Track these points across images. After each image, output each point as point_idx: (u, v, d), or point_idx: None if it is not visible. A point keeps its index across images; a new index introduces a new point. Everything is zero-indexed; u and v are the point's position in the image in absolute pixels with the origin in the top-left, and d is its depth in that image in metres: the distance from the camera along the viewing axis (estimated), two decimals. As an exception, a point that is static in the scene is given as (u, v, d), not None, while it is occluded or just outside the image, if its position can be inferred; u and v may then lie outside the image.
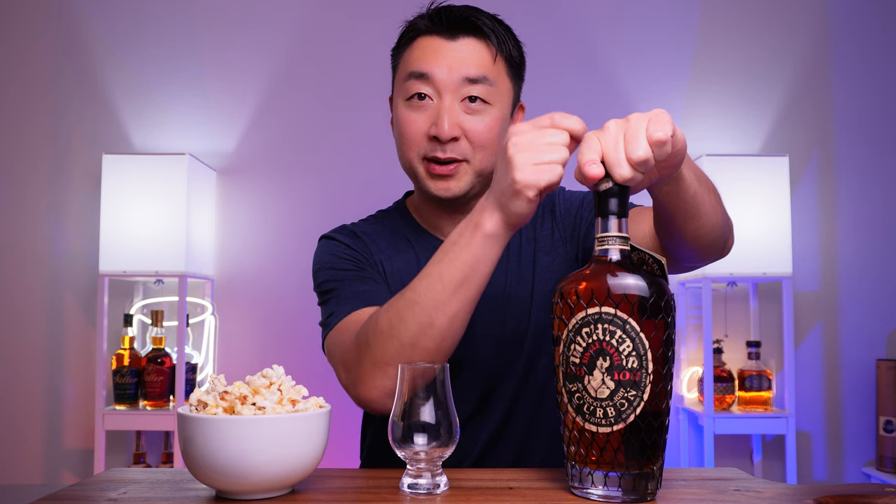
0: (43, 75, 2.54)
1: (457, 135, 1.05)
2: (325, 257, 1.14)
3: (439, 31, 1.08)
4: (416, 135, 1.07)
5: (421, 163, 1.08)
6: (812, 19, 2.58)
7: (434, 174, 1.07)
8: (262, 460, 0.71)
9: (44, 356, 2.48)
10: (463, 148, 1.07)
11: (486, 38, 1.08)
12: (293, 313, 2.47)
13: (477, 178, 1.09)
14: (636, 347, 0.70)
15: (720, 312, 2.52)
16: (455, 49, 1.07)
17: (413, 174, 1.10)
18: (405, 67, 1.09)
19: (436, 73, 1.06)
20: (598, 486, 0.72)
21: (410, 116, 1.08)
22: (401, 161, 1.12)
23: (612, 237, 0.73)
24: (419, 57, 1.08)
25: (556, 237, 1.17)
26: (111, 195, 2.25)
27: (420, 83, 1.07)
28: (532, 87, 2.52)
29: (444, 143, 1.05)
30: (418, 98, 1.07)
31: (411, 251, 1.16)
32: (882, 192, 2.55)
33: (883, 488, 0.76)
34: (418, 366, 0.77)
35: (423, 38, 1.09)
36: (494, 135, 1.08)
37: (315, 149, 2.53)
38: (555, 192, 1.22)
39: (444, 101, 1.06)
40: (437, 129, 1.05)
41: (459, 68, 1.06)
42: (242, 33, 2.55)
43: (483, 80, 1.07)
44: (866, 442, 2.50)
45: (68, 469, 2.46)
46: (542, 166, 0.79)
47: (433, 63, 1.06)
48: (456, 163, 1.07)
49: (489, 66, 1.08)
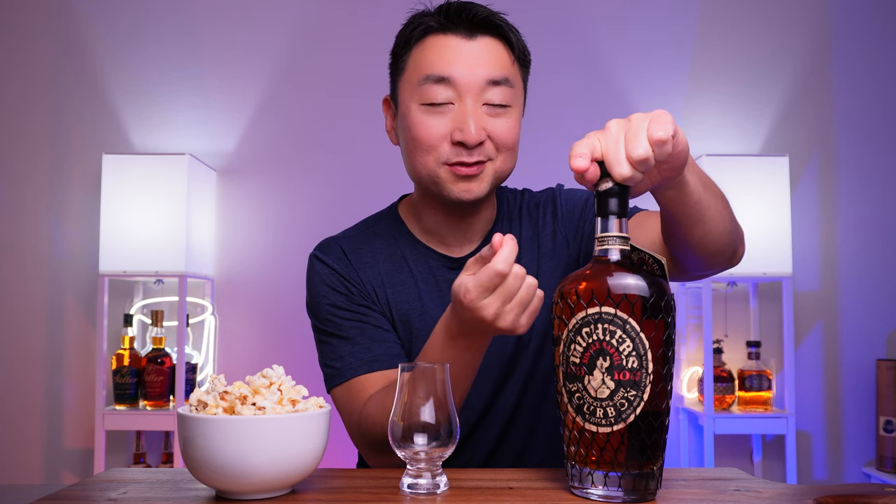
0: (43, 75, 2.54)
1: (483, 138, 1.01)
2: (320, 289, 1.11)
3: (456, 29, 1.02)
4: (435, 139, 1.02)
5: (442, 167, 1.03)
6: (812, 19, 2.58)
7: (459, 175, 1.02)
8: (262, 460, 0.71)
9: (44, 356, 2.48)
10: (488, 150, 1.03)
11: (505, 38, 1.05)
12: (293, 313, 2.47)
13: (496, 180, 1.06)
14: (636, 347, 0.70)
15: (720, 312, 2.52)
16: (475, 49, 1.02)
17: (431, 179, 1.04)
18: (419, 69, 1.03)
19: (458, 76, 1.01)
20: (598, 486, 0.72)
21: (428, 121, 1.02)
22: (414, 167, 1.06)
23: (612, 237, 0.73)
24: (436, 58, 1.02)
25: (558, 239, 1.15)
26: (111, 195, 2.25)
27: (440, 86, 1.01)
28: (533, 86, 2.52)
29: (471, 149, 1.01)
30: (440, 104, 1.02)
31: (406, 268, 1.12)
32: (882, 191, 2.55)
33: (883, 488, 0.76)
34: (418, 366, 0.77)
35: (436, 36, 1.03)
36: (516, 136, 1.06)
37: (315, 148, 2.53)
38: (555, 190, 1.21)
39: (466, 105, 1.01)
40: (463, 134, 1.00)
41: (482, 70, 1.01)
42: (242, 33, 2.55)
43: (505, 82, 1.03)
44: (866, 442, 2.50)
45: (68, 469, 2.46)
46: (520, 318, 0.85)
47: (453, 64, 1.01)
48: (481, 164, 1.03)
49: (509, 66, 1.04)
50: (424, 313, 1.10)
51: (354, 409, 1.04)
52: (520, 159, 1.12)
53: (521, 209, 1.18)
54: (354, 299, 1.09)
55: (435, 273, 1.12)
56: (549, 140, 2.40)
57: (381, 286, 1.11)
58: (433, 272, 1.12)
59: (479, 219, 1.12)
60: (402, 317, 1.10)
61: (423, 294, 1.11)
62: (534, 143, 2.51)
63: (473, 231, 1.13)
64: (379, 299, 1.11)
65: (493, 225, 1.15)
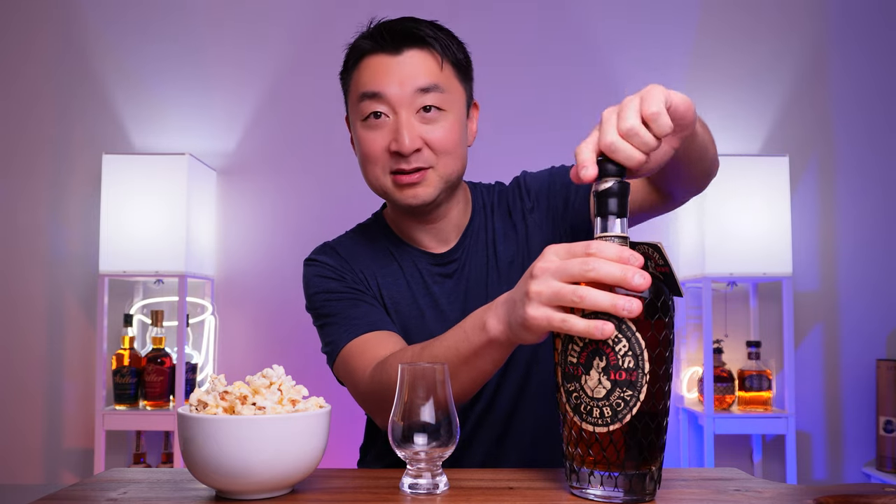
0: (43, 75, 2.54)
1: (418, 146, 1.06)
2: (313, 281, 1.16)
3: (384, 48, 1.08)
4: (378, 152, 1.09)
5: (388, 177, 1.09)
6: (812, 19, 2.58)
7: (401, 184, 1.08)
8: (262, 460, 0.72)
9: (44, 356, 2.48)
10: (426, 157, 1.08)
11: (430, 47, 1.09)
12: (293, 313, 2.46)
13: (444, 183, 1.10)
14: (632, 347, 0.70)
15: (720, 312, 2.52)
16: (402, 63, 1.08)
17: (382, 190, 1.11)
18: (356, 89, 1.10)
19: (388, 91, 1.07)
20: (597, 487, 0.72)
21: (369, 136, 1.09)
22: (367, 179, 1.13)
23: (612, 237, 0.73)
24: (369, 77, 1.08)
25: (530, 225, 1.17)
26: (111, 195, 2.25)
27: (374, 102, 1.08)
28: (532, 85, 2.53)
29: (407, 156, 1.07)
30: (374, 117, 1.08)
31: (394, 263, 1.17)
32: (882, 191, 2.55)
33: (883, 488, 0.76)
34: (418, 366, 0.77)
35: (368, 57, 1.10)
36: (455, 138, 1.09)
37: (315, 149, 2.53)
38: (520, 178, 1.22)
39: (400, 117, 1.07)
40: (397, 144, 1.06)
41: (409, 81, 1.07)
42: (243, 33, 2.55)
43: (434, 89, 1.07)
44: (866, 442, 2.50)
45: (68, 469, 2.46)
46: (555, 313, 0.73)
47: (383, 81, 1.07)
48: (421, 171, 1.08)
49: (437, 73, 1.09)
50: (414, 302, 1.15)
51: (360, 367, 1.03)
52: (520, 158, 1.13)
53: (494, 202, 1.21)
54: (348, 283, 1.14)
55: (420, 268, 1.17)
56: (549, 139, 2.40)
57: (372, 275, 1.16)
58: (418, 267, 1.17)
59: (448, 221, 1.17)
60: (394, 304, 1.15)
61: (412, 285, 1.16)
62: (533, 141, 2.51)
63: (447, 231, 1.17)
64: (371, 286, 1.16)
65: (469, 222, 1.19)
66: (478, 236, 1.18)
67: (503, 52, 2.49)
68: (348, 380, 1.08)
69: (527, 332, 0.77)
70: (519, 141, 2.46)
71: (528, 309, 0.74)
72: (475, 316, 0.86)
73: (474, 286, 1.15)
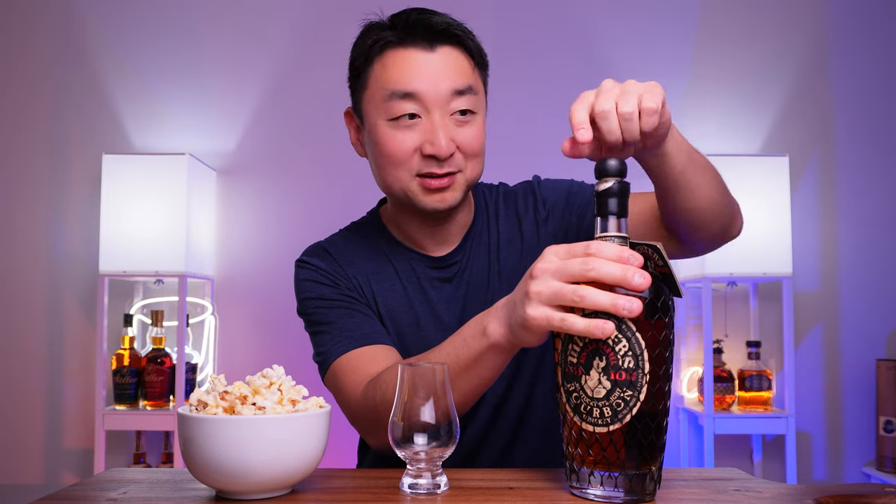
0: (42, 75, 2.54)
1: (453, 150, 1.02)
2: (305, 285, 1.12)
3: (415, 42, 1.02)
4: (406, 154, 1.02)
5: (414, 180, 1.03)
6: (813, 18, 2.58)
7: (430, 188, 1.03)
8: (262, 460, 0.72)
9: (44, 356, 2.48)
10: (458, 161, 1.03)
11: (463, 45, 1.04)
12: (293, 313, 2.45)
13: (468, 187, 1.07)
14: (632, 347, 0.70)
15: (720, 312, 2.52)
16: (437, 61, 1.01)
17: (403, 193, 1.05)
18: (382, 85, 1.02)
19: (422, 89, 1.00)
20: (597, 487, 0.72)
21: (398, 136, 1.02)
22: (385, 181, 1.06)
23: (612, 237, 0.73)
24: (399, 74, 1.01)
25: (541, 232, 1.15)
26: (111, 195, 2.25)
27: (406, 102, 1.01)
28: (532, 83, 2.52)
29: (441, 161, 1.01)
30: (408, 118, 1.01)
31: (389, 266, 1.13)
32: (882, 191, 2.55)
33: (883, 488, 0.76)
34: (418, 366, 0.77)
35: (395, 50, 1.02)
36: (483, 141, 1.06)
37: (315, 148, 2.53)
38: (533, 183, 1.20)
39: (434, 118, 1.01)
40: (434, 147, 1.00)
41: (446, 81, 1.01)
42: (243, 32, 2.55)
43: (469, 91, 1.03)
44: (866, 442, 2.50)
45: (68, 469, 2.46)
46: (555, 312, 0.72)
47: (416, 79, 1.00)
48: (451, 175, 1.03)
49: (471, 74, 1.04)
50: (409, 309, 1.11)
51: (351, 383, 1.00)
52: (520, 156, 1.13)
53: (499, 204, 1.18)
54: (342, 290, 1.10)
55: (417, 271, 1.13)
56: (548, 137, 2.40)
57: (366, 281, 1.12)
58: (415, 270, 1.13)
59: (454, 223, 1.13)
60: (388, 311, 1.11)
61: (408, 290, 1.12)
62: (533, 140, 2.51)
63: (450, 234, 1.14)
64: (365, 293, 1.11)
65: (472, 223, 1.16)
66: (480, 238, 1.15)
67: (503, 51, 2.49)
68: (338, 397, 1.04)
69: (527, 333, 0.76)
70: (519, 140, 2.45)
71: (528, 309, 0.74)
72: (474, 322, 0.86)
73: (474, 290, 1.12)
